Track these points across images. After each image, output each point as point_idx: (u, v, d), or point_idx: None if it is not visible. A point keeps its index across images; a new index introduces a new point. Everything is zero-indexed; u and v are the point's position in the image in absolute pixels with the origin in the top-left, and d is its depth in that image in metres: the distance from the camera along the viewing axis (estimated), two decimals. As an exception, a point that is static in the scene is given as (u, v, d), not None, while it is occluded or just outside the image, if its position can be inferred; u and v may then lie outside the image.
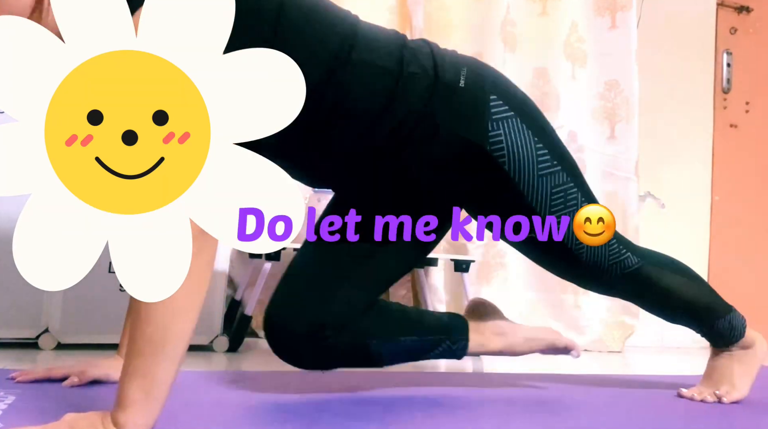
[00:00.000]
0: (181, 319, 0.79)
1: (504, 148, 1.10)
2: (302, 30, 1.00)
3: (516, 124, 1.11)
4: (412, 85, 1.06)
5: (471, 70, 1.12)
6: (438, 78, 1.08)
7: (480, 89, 1.11)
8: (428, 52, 1.11)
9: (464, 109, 1.09)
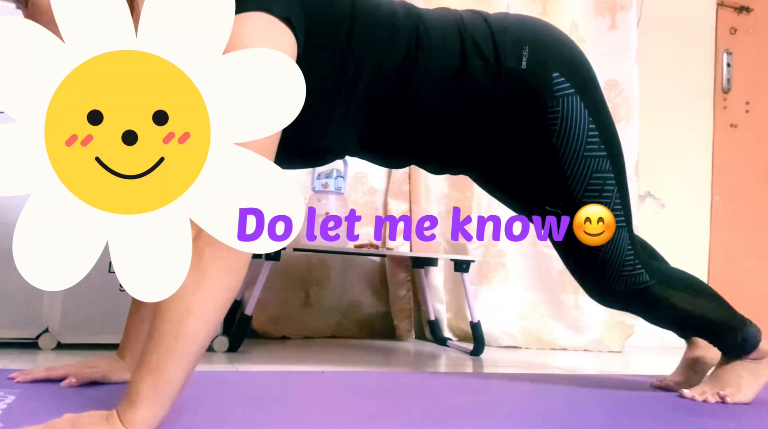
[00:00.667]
0: (194, 319, 0.79)
1: (557, 123, 1.13)
2: (372, 38, 1.06)
3: (575, 101, 1.14)
4: (476, 79, 1.11)
5: (533, 48, 1.13)
6: (501, 66, 1.11)
7: (542, 67, 1.13)
8: (487, 33, 1.13)
9: (526, 96, 1.13)
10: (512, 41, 1.13)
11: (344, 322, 2.31)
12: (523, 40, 1.14)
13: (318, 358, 1.77)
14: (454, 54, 1.10)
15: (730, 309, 1.32)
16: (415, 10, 1.14)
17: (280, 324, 2.19)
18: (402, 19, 1.10)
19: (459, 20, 1.14)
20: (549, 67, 1.13)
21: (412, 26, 1.10)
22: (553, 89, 1.13)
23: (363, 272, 2.37)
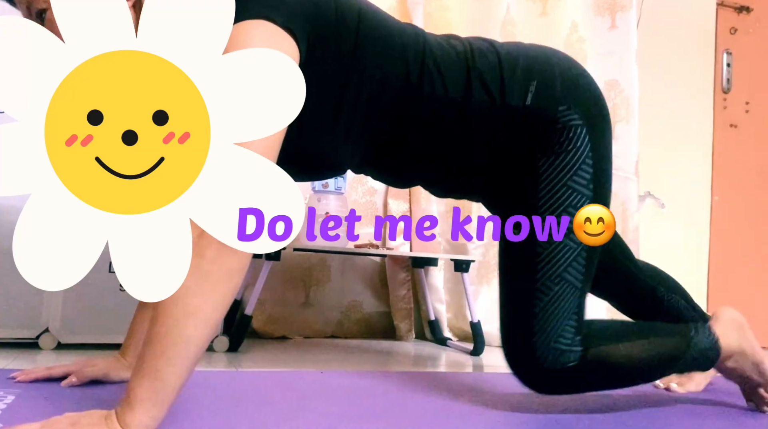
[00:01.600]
0: (193, 322, 0.78)
1: (553, 148, 1.09)
2: (377, 54, 1.03)
3: (580, 132, 1.10)
4: (478, 113, 1.08)
5: (541, 82, 1.10)
6: (505, 103, 1.08)
7: (548, 100, 1.10)
8: (496, 69, 1.09)
9: (529, 129, 1.10)
10: (521, 78, 1.10)
11: (344, 322, 2.31)
12: (532, 76, 1.10)
13: (318, 358, 1.77)
14: (459, 87, 1.07)
15: (668, 334, 1.17)
16: (422, 33, 1.11)
17: (280, 324, 2.19)
18: (410, 41, 1.07)
19: (468, 52, 1.11)
20: (556, 100, 1.10)
21: (418, 50, 1.07)
22: (557, 120, 1.09)
23: (363, 272, 2.37)
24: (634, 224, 2.61)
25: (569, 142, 1.09)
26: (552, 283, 1.07)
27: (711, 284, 2.94)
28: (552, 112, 1.09)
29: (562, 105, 1.10)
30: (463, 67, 1.08)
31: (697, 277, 2.93)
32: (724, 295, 2.91)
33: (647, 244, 2.74)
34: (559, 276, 1.07)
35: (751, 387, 1.24)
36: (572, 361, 1.05)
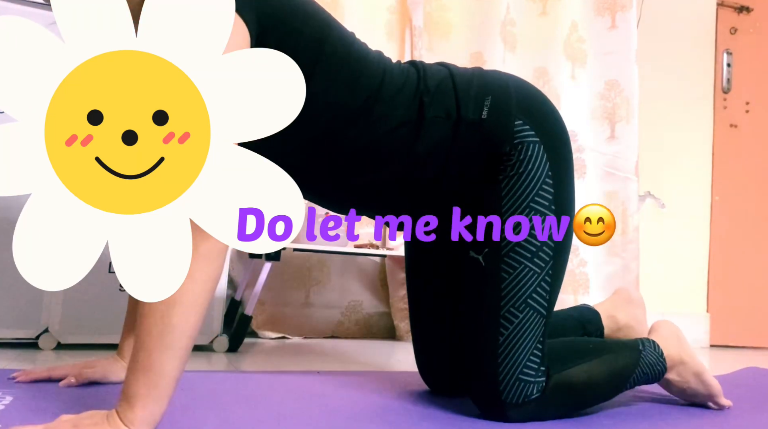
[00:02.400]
0: (179, 310, 0.78)
1: (510, 166, 1.06)
2: (334, 79, 1.01)
3: (536, 149, 1.07)
4: (434, 129, 1.05)
5: (496, 98, 1.09)
6: (460, 118, 1.06)
7: (504, 115, 1.08)
8: (450, 89, 1.08)
9: (485, 143, 1.07)
10: (476, 94, 1.08)
11: (344, 322, 2.31)
12: (487, 92, 1.09)
13: (318, 358, 1.77)
14: (410, 107, 1.05)
15: (619, 347, 1.16)
16: (384, 59, 1.10)
17: (280, 324, 2.19)
18: (371, 65, 1.06)
19: (421, 74, 1.09)
20: (512, 115, 1.08)
21: (376, 74, 1.05)
22: (513, 134, 1.07)
23: (363, 272, 2.37)
24: (634, 224, 2.61)
25: (528, 160, 1.06)
26: (516, 310, 1.04)
27: (711, 284, 2.94)
28: (509, 127, 1.07)
29: (518, 120, 1.07)
30: (413, 89, 1.06)
31: (697, 277, 2.94)
32: (724, 295, 2.91)
33: (647, 244, 2.74)
34: (525, 302, 1.04)
35: (701, 403, 1.25)
36: (536, 393, 1.03)
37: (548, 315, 1.07)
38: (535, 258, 1.05)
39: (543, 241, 1.06)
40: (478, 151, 1.08)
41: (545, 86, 2.56)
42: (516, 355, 1.03)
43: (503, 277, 1.06)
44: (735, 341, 2.89)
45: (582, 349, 1.13)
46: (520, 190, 1.06)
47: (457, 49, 2.49)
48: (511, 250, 1.06)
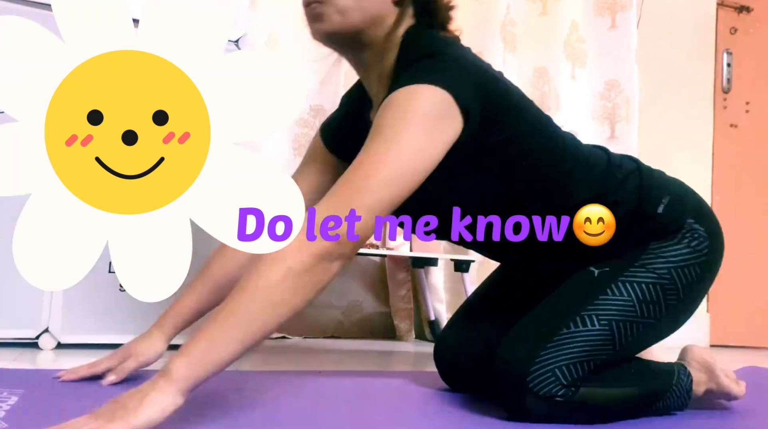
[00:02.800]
0: (268, 314, 0.85)
1: (672, 236, 1.12)
2: (532, 134, 1.11)
3: (702, 240, 1.12)
4: (615, 208, 1.10)
5: (674, 197, 1.15)
6: (639, 208, 1.12)
7: (678, 212, 1.14)
8: (636, 185, 1.15)
9: (654, 228, 1.13)
10: (656, 193, 1.15)
11: (344, 322, 2.31)
12: (667, 192, 1.15)
13: (318, 358, 1.77)
14: (600, 185, 1.12)
15: (654, 375, 1.14)
16: (576, 141, 1.19)
17: (280, 324, 2.19)
18: (557, 130, 1.16)
19: (611, 160, 1.17)
20: (686, 213, 1.14)
21: (569, 160, 1.13)
22: (683, 225, 1.12)
23: (363, 272, 2.37)
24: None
25: (692, 238, 1.12)
26: (597, 319, 1.04)
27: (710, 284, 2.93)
28: (680, 221, 1.13)
29: (691, 218, 1.13)
30: (606, 171, 1.14)
31: (697, 277, 2.93)
32: (724, 295, 2.91)
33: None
34: (608, 320, 1.05)
35: None
36: (559, 395, 0.99)
37: (618, 349, 1.06)
38: (646, 304, 1.07)
39: (664, 303, 1.09)
40: (641, 231, 1.13)
41: (545, 86, 2.56)
42: (566, 351, 1.01)
43: (606, 291, 1.07)
44: (735, 341, 2.89)
45: (620, 374, 1.09)
46: (669, 252, 1.10)
47: (457, 49, 2.49)
48: (629, 281, 1.08)
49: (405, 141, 0.93)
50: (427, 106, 0.96)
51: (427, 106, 0.96)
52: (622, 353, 1.08)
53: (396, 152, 0.93)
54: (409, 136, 0.94)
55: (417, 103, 0.95)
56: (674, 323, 1.15)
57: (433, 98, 0.96)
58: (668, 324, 1.14)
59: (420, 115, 0.95)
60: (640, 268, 1.10)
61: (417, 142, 0.94)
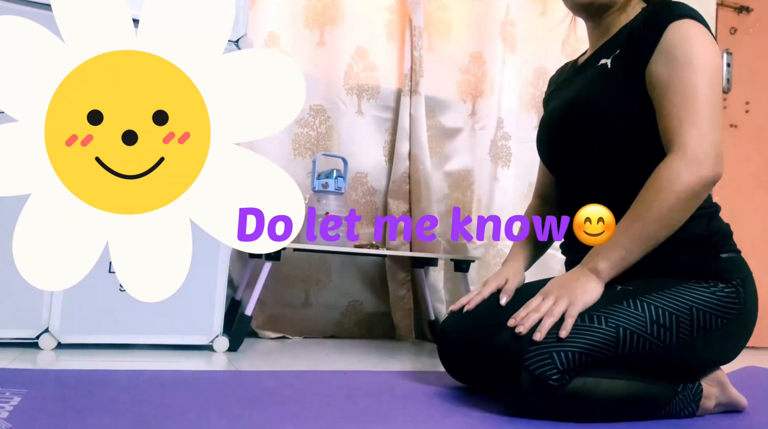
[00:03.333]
0: (663, 231, 1.12)
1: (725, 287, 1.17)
2: None
3: (735, 305, 1.16)
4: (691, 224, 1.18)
5: (738, 258, 1.23)
6: (711, 239, 1.21)
7: (735, 271, 1.20)
8: (719, 221, 1.28)
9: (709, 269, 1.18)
10: (731, 242, 1.26)
11: (344, 322, 2.31)
12: (736, 250, 1.25)
13: (318, 358, 1.77)
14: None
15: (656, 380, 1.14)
16: None
17: (280, 324, 2.19)
18: None
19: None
20: (738, 277, 1.19)
21: None
22: (731, 283, 1.17)
23: (363, 272, 2.37)
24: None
25: (728, 295, 1.16)
26: (606, 321, 1.06)
27: (711, 284, 2.94)
28: (729, 278, 1.18)
29: (739, 282, 1.18)
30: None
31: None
32: (724, 295, 2.90)
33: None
34: (617, 325, 1.06)
35: None
36: (553, 379, 1.00)
37: (619, 354, 1.06)
38: (657, 327, 1.09)
39: (675, 333, 1.11)
40: (692, 261, 1.17)
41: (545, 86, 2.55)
42: (569, 339, 1.03)
43: (623, 303, 1.10)
44: (735, 341, 2.89)
45: (621, 374, 1.08)
46: (699, 293, 1.14)
47: (457, 49, 2.50)
48: (648, 302, 1.11)
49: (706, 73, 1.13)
50: (708, 47, 1.15)
51: (709, 48, 1.15)
52: (624, 361, 1.07)
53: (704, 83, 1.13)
54: (706, 70, 1.14)
55: (696, 44, 1.14)
56: (683, 359, 1.14)
57: (706, 36, 1.16)
58: (677, 356, 1.12)
59: (708, 55, 1.15)
60: (665, 296, 1.12)
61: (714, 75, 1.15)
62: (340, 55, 2.30)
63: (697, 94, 1.12)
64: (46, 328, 1.55)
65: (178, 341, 1.67)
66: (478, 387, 1.29)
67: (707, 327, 1.13)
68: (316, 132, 2.28)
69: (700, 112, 1.11)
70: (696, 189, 1.11)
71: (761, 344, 2.89)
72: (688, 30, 1.15)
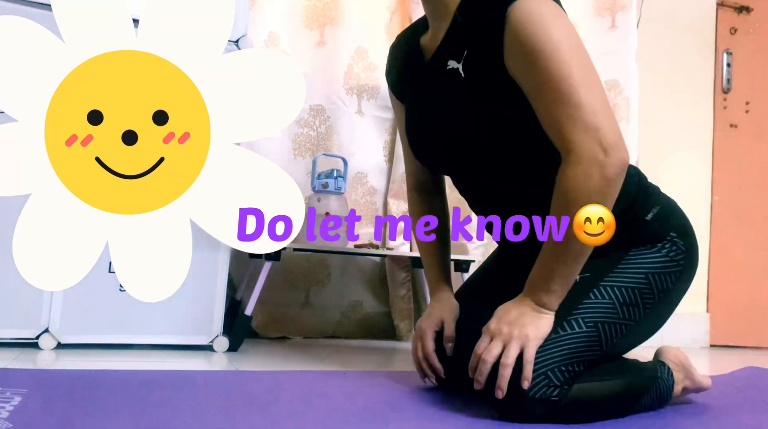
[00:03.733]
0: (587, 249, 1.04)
1: (649, 249, 1.16)
2: None
3: (679, 255, 1.17)
4: None
5: (664, 210, 1.20)
6: (631, 209, 1.16)
7: (664, 225, 1.19)
8: (635, 185, 1.19)
9: (640, 233, 1.17)
10: (649, 200, 1.21)
11: (344, 322, 2.31)
12: (657, 203, 1.21)
13: (318, 358, 1.77)
14: None
15: (639, 369, 1.17)
16: None
17: (280, 324, 2.19)
18: None
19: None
20: (671, 228, 1.19)
21: None
22: (665, 238, 1.17)
23: (363, 272, 2.37)
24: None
25: (670, 250, 1.16)
26: (583, 322, 1.06)
27: (711, 284, 2.94)
28: (664, 233, 1.17)
29: (674, 232, 1.18)
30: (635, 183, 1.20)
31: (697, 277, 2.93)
32: (724, 295, 2.91)
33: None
34: (594, 323, 1.07)
35: None
36: (555, 396, 1.00)
37: (605, 349, 1.07)
38: (626, 307, 1.10)
39: (642, 306, 1.12)
40: (627, 233, 1.14)
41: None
42: (556, 354, 1.03)
43: (590, 295, 1.10)
44: (735, 341, 2.89)
45: (608, 369, 1.10)
46: (648, 258, 1.15)
47: (457, 49, 2.49)
48: (610, 285, 1.11)
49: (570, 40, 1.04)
50: (564, 21, 1.04)
51: (564, 21, 1.05)
52: (610, 353, 1.10)
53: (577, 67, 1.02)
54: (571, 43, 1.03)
55: (553, 24, 1.03)
56: (651, 326, 1.19)
57: (556, 9, 1.05)
58: (647, 326, 1.17)
59: (568, 31, 1.04)
60: (620, 273, 1.13)
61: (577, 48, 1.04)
62: (340, 55, 2.30)
63: (568, 86, 0.99)
64: (46, 328, 1.56)
65: (178, 341, 1.67)
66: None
67: (666, 287, 1.15)
68: (316, 132, 2.28)
69: (579, 106, 0.99)
70: (605, 190, 1.01)
71: (761, 344, 2.89)
72: (528, 10, 1.00)
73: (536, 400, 1.00)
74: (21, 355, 1.46)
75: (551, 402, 1.00)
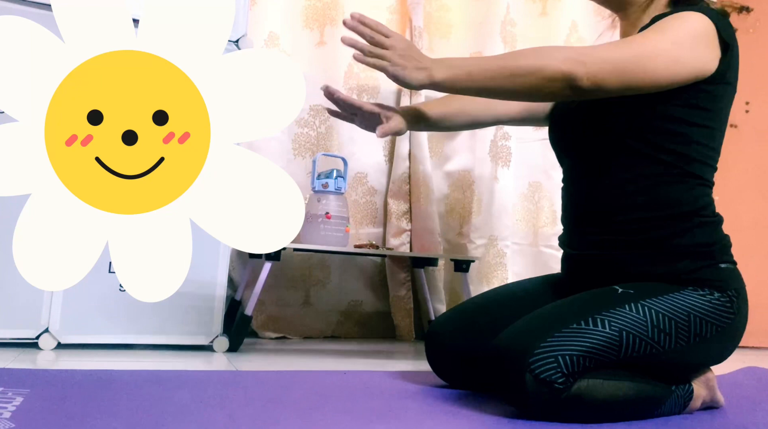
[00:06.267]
0: (520, 78, 1.08)
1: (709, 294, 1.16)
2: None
3: (730, 314, 1.18)
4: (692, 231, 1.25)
5: (735, 270, 1.26)
6: (710, 248, 1.22)
7: (732, 281, 1.22)
8: (722, 232, 1.28)
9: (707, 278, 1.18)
10: (730, 253, 1.28)
11: (344, 322, 2.31)
12: (732, 260, 1.27)
13: (318, 358, 1.77)
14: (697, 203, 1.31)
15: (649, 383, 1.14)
16: None
17: (280, 324, 2.19)
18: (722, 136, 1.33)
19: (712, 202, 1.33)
20: (734, 288, 1.21)
21: (718, 148, 1.37)
22: (728, 292, 1.19)
23: (363, 272, 2.37)
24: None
25: (724, 304, 1.16)
26: (608, 322, 1.06)
27: (711, 284, 2.93)
28: (727, 287, 1.19)
29: (735, 292, 1.21)
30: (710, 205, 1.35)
31: (697, 277, 2.93)
32: (724, 295, 2.90)
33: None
34: (619, 327, 1.06)
35: None
36: (559, 382, 1.00)
37: (621, 358, 1.07)
38: (658, 331, 1.09)
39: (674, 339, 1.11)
40: (693, 269, 1.17)
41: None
42: (573, 343, 1.02)
43: (624, 306, 1.09)
44: (735, 341, 2.89)
45: (622, 374, 1.09)
46: (698, 301, 1.14)
47: (457, 49, 2.49)
48: (649, 306, 1.10)
49: (667, 40, 1.10)
50: (693, 24, 1.11)
51: (693, 25, 1.11)
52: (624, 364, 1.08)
53: (655, 42, 1.10)
54: (673, 39, 1.10)
55: (684, 20, 1.12)
56: (679, 362, 1.16)
57: (700, 20, 1.12)
58: (673, 359, 1.13)
59: (686, 29, 1.11)
60: (665, 301, 1.12)
61: (676, 46, 1.10)
62: (340, 55, 2.30)
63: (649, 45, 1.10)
64: (46, 328, 1.55)
65: (178, 341, 1.67)
66: (463, 387, 1.30)
67: (703, 333, 1.13)
68: (316, 132, 2.28)
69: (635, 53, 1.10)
70: (559, 76, 1.08)
71: (761, 344, 2.89)
72: (684, 14, 1.14)
73: (540, 380, 0.99)
74: (21, 355, 1.46)
75: (554, 389, 1.00)
